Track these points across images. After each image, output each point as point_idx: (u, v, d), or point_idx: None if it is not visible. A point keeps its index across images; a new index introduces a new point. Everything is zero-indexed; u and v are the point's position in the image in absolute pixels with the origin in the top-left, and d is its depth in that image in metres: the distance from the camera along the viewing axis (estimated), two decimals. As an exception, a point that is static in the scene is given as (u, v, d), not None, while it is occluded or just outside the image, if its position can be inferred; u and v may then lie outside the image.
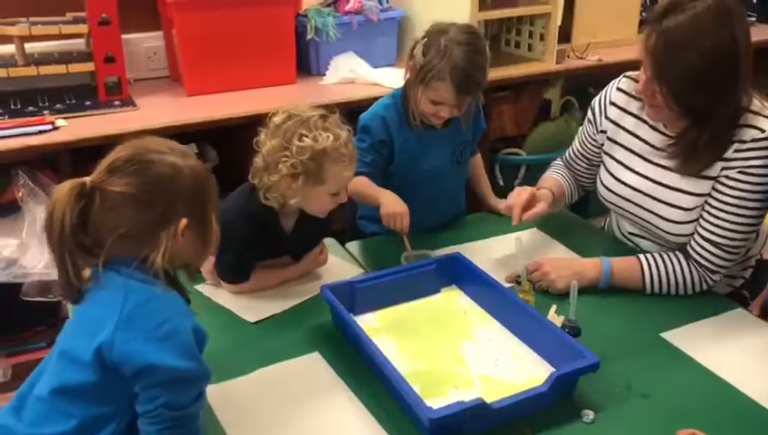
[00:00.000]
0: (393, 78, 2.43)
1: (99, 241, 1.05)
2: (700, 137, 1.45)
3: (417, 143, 1.78)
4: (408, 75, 1.74)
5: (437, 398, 1.23)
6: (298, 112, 1.46)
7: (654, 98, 1.46)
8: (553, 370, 1.25)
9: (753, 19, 3.28)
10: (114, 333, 1.01)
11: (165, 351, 1.02)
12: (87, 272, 1.08)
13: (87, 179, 1.05)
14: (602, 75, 1.84)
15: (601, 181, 1.72)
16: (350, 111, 1.81)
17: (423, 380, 1.29)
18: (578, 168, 1.83)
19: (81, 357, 1.03)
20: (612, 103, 1.68)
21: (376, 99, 2.33)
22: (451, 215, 1.91)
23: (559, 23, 2.67)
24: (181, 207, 1.08)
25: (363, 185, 1.70)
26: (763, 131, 1.44)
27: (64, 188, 1.03)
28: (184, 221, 1.07)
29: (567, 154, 1.86)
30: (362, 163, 1.68)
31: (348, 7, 2.54)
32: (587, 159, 1.80)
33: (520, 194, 1.66)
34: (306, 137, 1.42)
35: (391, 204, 1.63)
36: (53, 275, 1.93)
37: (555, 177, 1.84)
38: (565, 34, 2.80)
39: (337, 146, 1.43)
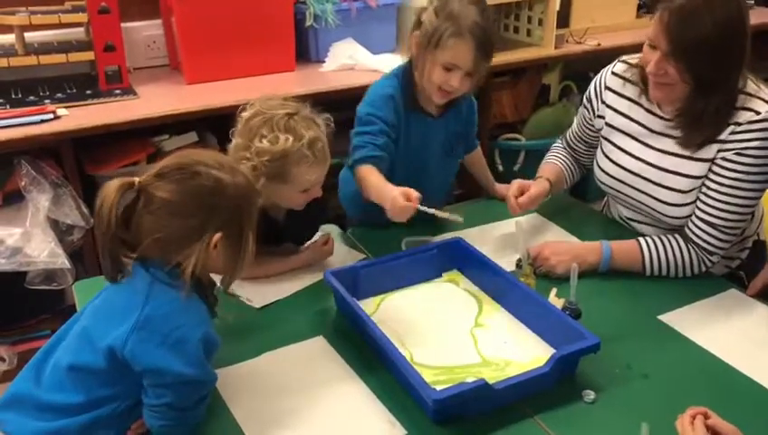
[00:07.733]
0: (392, 64, 2.41)
1: (138, 239, 1.10)
2: (707, 107, 1.48)
3: (414, 129, 1.73)
4: (412, 50, 1.67)
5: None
6: (265, 109, 1.43)
7: (666, 76, 1.47)
8: (555, 351, 1.27)
9: (752, 2, 3.28)
10: (130, 332, 1.07)
11: (173, 357, 1.08)
12: (129, 262, 1.12)
13: (136, 179, 1.09)
14: (601, 60, 1.84)
15: (598, 165, 1.74)
16: (350, 98, 1.81)
17: (438, 369, 1.30)
18: (577, 149, 1.88)
19: (97, 343, 1.09)
20: (608, 88, 1.70)
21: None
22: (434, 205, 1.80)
23: (557, 8, 2.67)
24: (218, 221, 1.11)
25: (368, 176, 1.58)
26: (758, 113, 1.46)
27: (114, 184, 1.08)
28: (218, 235, 1.11)
29: (567, 135, 1.90)
30: (374, 147, 1.62)
31: (346, -6, 2.54)
32: (585, 142, 1.83)
33: (510, 187, 1.73)
34: (265, 138, 1.39)
35: (395, 211, 1.48)
36: (58, 263, 1.98)
37: (553, 163, 1.88)
38: (564, 19, 2.79)
39: (298, 147, 1.39)
